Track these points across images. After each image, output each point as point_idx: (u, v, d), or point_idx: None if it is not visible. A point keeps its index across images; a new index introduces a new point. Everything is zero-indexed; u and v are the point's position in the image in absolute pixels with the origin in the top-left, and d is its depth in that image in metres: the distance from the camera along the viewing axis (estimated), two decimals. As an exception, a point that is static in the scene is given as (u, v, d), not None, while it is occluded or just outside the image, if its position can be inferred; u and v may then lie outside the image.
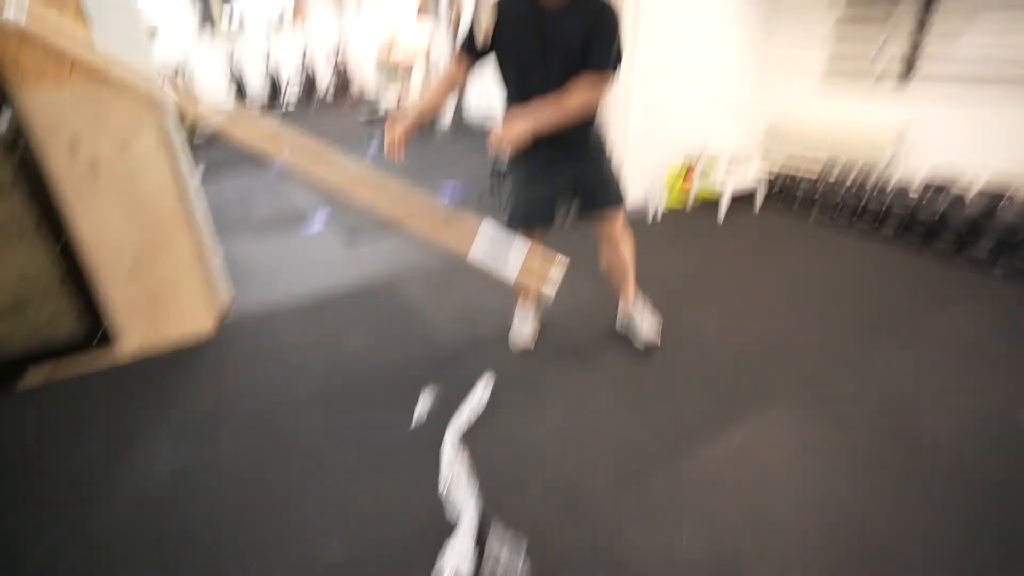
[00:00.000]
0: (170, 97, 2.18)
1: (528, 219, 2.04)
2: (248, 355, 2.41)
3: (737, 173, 4.19)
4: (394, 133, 1.87)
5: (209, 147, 5.88)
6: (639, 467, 1.68)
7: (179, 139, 2.47)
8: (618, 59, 1.77)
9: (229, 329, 2.63)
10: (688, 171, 4.17)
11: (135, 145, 2.23)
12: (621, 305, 2.34)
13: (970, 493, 1.56)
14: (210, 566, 1.45)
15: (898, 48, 3.54)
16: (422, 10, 2.60)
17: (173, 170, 2.35)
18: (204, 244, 2.62)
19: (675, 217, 3.93)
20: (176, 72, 9.34)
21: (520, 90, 1.84)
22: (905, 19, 3.47)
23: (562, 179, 2.00)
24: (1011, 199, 3.04)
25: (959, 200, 3.12)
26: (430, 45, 7.99)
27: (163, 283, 2.43)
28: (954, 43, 3.27)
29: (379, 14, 9.65)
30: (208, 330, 2.57)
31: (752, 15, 4.06)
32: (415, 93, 8.03)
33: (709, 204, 4.01)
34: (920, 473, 1.63)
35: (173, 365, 2.36)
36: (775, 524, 1.49)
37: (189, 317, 2.53)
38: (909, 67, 3.51)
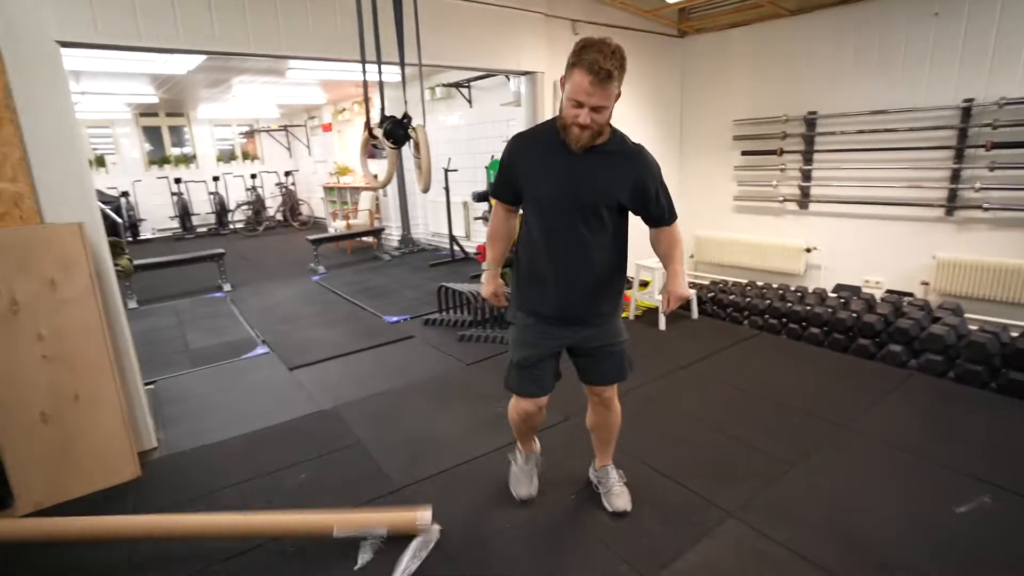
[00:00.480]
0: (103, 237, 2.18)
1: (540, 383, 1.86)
2: (175, 498, 2.19)
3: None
4: (493, 288, 1.97)
5: (143, 276, 5.76)
6: (598, 605, 1.58)
7: (111, 276, 2.42)
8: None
9: (156, 471, 2.41)
10: (627, 286, 4.43)
11: (63, 285, 2.17)
12: (598, 460, 2.11)
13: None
14: None
15: (789, 188, 4.19)
16: (365, 149, 2.78)
17: (102, 308, 2.28)
18: (131, 382, 2.48)
19: (618, 327, 4.08)
20: (120, 200, 9.36)
21: (545, 229, 1.70)
22: (791, 166, 4.16)
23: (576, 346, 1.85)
24: (910, 302, 3.40)
25: (869, 303, 3.42)
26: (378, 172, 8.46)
27: (79, 429, 2.24)
28: (833, 182, 3.96)
29: (328, 145, 10.23)
30: (129, 475, 2.34)
31: (670, 160, 4.72)
32: (362, 214, 8.33)
33: (650, 312, 4.21)
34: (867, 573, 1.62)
35: (80, 513, 2.10)
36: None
37: (106, 463, 2.31)
38: (805, 197, 4.08)
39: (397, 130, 2.65)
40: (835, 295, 3.71)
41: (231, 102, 8.88)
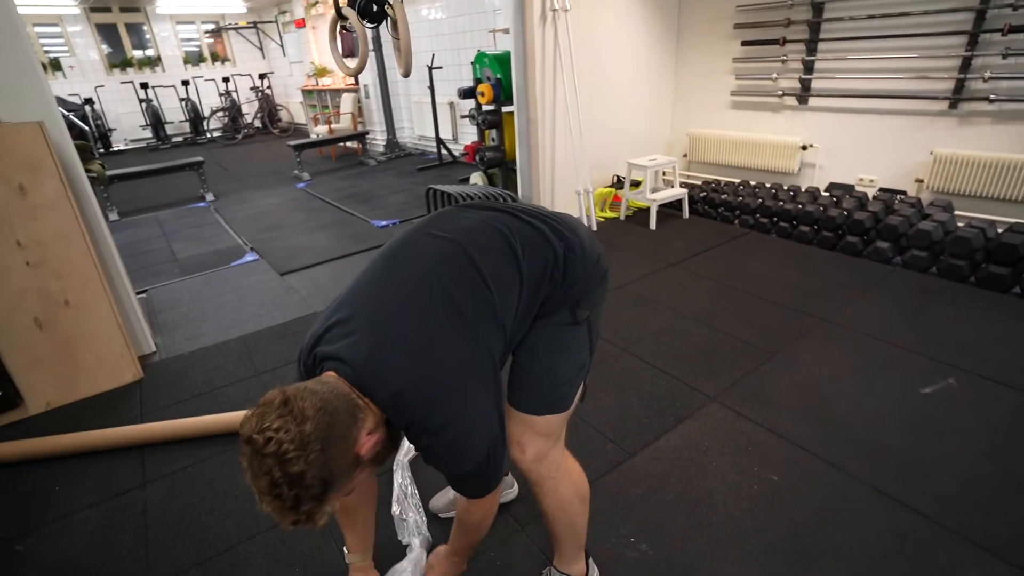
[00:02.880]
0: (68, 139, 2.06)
1: None
2: (177, 398, 2.27)
3: (663, 185, 4.45)
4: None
5: (122, 187, 5.57)
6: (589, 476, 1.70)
7: (83, 181, 2.33)
8: None
9: (157, 372, 2.48)
10: (619, 185, 4.37)
11: (33, 190, 2.09)
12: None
13: (886, 466, 1.67)
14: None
15: (789, 81, 3.97)
16: (333, 32, 2.54)
17: (79, 214, 2.22)
18: (120, 289, 2.47)
19: (611, 225, 4.07)
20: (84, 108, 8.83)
21: None
22: (793, 57, 3.90)
23: None
24: (902, 199, 3.39)
25: (861, 201, 3.41)
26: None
27: (74, 334, 2.26)
28: (836, 74, 3.74)
29: (303, 44, 9.52)
30: (132, 376, 2.41)
31: (665, 50, 4.42)
32: (345, 118, 7.95)
33: (642, 212, 4.18)
34: (841, 452, 1.74)
35: (92, 413, 2.21)
36: (711, 515, 1.54)
37: (108, 366, 2.36)
38: (805, 91, 3.90)
39: (370, 6, 2.40)
40: (827, 194, 3.68)
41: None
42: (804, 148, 4.02)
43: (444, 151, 6.54)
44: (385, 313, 0.89)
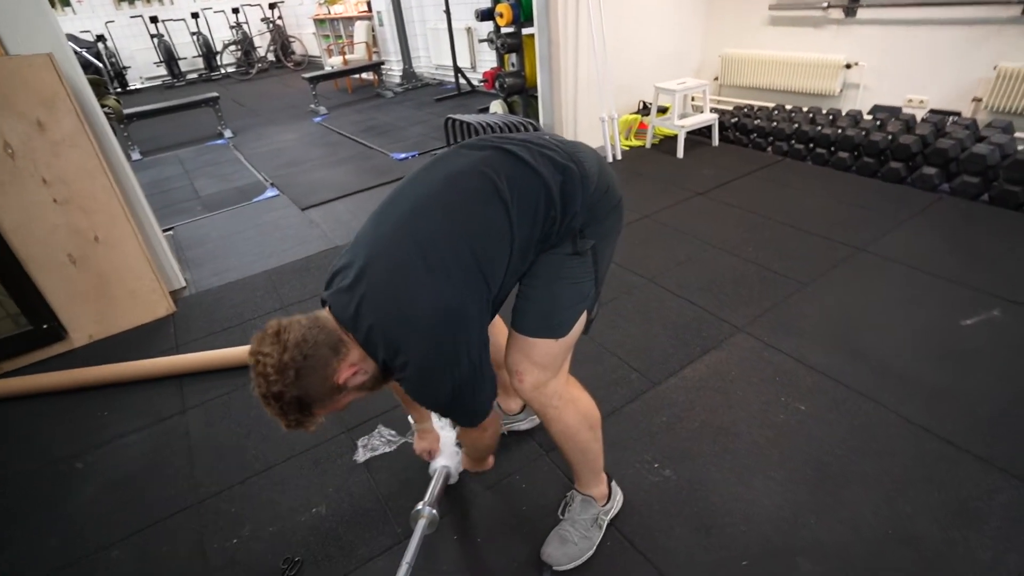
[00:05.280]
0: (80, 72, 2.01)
1: None
2: (208, 330, 2.35)
3: (692, 110, 4.22)
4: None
5: (141, 126, 5.53)
6: (613, 405, 1.72)
7: (100, 117, 2.30)
8: None
9: (187, 306, 2.55)
10: (645, 111, 4.16)
11: (51, 126, 2.08)
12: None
13: (918, 396, 1.64)
14: (193, 535, 1.44)
15: None
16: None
17: (100, 151, 2.21)
18: (147, 226, 2.50)
19: (636, 154, 3.92)
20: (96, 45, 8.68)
21: None
22: None
23: None
24: (955, 121, 3.13)
25: (908, 124, 3.17)
26: (370, -4, 7.56)
27: (107, 270, 2.32)
28: None
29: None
30: (164, 310, 2.49)
31: None
32: (359, 48, 7.66)
33: (669, 140, 4.00)
34: (871, 383, 1.71)
35: (131, 345, 2.30)
36: (735, 443, 1.55)
37: (142, 300, 2.43)
38: (853, 1, 3.55)
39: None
40: (871, 117, 3.44)
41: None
42: (848, 67, 3.72)
43: (462, 80, 6.29)
44: (372, 259, 0.93)
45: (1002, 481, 1.38)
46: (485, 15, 4.31)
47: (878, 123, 3.28)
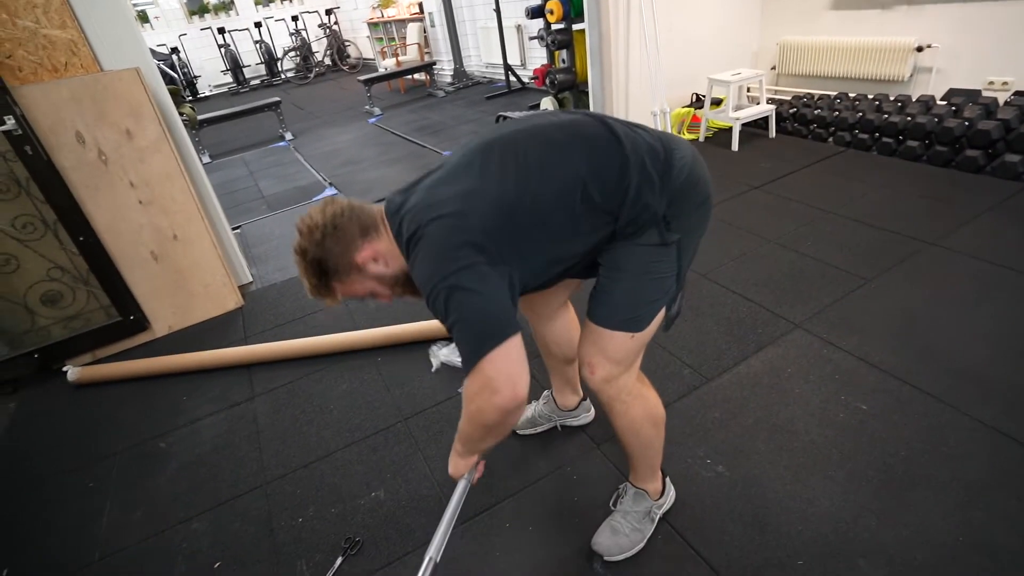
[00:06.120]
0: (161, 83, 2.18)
1: None
2: (274, 322, 2.49)
3: (748, 102, 4.09)
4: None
5: (210, 131, 5.88)
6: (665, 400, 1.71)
7: (179, 124, 2.48)
8: None
9: (254, 300, 2.71)
10: (698, 104, 4.06)
11: (138, 134, 2.26)
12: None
13: (993, 398, 1.55)
14: (262, 513, 1.55)
15: None
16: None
17: (179, 155, 2.38)
18: (218, 225, 2.67)
19: (687, 153, 3.83)
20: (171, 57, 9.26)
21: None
22: None
23: None
24: (1043, 100, 2.90)
25: (988, 108, 2.96)
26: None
27: (184, 265, 2.50)
28: None
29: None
30: (234, 304, 2.66)
31: None
32: (411, 49, 7.84)
33: (723, 132, 3.90)
34: (940, 383, 1.63)
35: (205, 337, 2.47)
36: (792, 441, 1.51)
37: (214, 294, 2.61)
38: None
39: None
40: (944, 102, 3.22)
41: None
42: (919, 50, 3.50)
43: (512, 77, 6.33)
44: (436, 180, 1.00)
45: (1090, 490, 1.29)
46: (535, 12, 4.33)
47: (953, 109, 3.08)
